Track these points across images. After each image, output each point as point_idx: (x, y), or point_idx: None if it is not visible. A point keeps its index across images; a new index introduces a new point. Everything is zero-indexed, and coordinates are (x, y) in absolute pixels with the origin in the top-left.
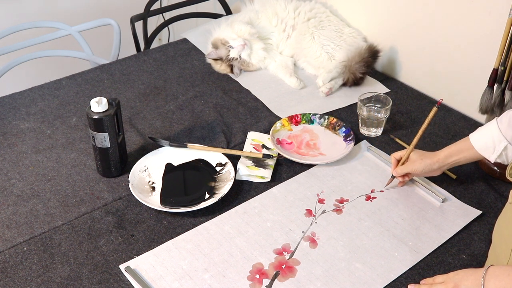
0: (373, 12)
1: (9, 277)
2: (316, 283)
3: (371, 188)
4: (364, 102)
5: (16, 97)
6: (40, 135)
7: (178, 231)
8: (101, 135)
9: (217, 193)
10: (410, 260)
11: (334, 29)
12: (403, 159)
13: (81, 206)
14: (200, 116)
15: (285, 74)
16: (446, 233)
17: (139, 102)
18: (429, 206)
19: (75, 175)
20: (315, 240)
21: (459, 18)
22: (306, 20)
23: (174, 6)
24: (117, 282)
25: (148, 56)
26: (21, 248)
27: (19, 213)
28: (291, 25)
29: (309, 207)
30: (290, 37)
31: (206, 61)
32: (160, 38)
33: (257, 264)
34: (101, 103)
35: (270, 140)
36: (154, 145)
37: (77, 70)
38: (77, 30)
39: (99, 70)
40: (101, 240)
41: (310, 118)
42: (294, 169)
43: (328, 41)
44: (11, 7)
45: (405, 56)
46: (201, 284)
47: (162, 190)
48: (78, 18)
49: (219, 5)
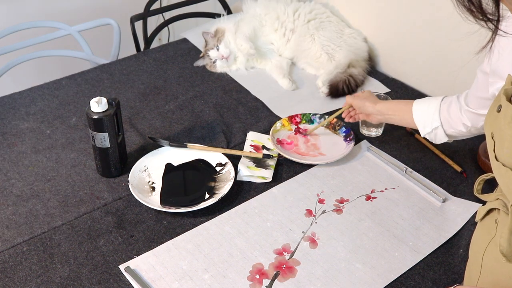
0: (373, 12)
1: (9, 277)
2: (316, 283)
3: (371, 188)
4: None
5: (15, 97)
6: (40, 135)
7: (178, 231)
8: (101, 135)
9: (217, 193)
10: (410, 260)
11: (334, 30)
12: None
13: (81, 206)
14: (200, 116)
15: (278, 75)
16: (447, 233)
17: (139, 102)
18: (430, 206)
19: (74, 175)
20: (315, 240)
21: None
22: (306, 22)
23: (174, 6)
24: (117, 282)
25: (148, 56)
26: (20, 248)
27: (18, 213)
28: (291, 29)
29: (309, 207)
30: (289, 41)
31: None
32: (160, 38)
33: (257, 264)
34: (101, 103)
35: (270, 140)
36: (154, 145)
37: (77, 70)
38: (77, 30)
39: (99, 70)
40: (101, 240)
41: (310, 118)
42: (294, 169)
43: (328, 41)
44: (11, 7)
45: (405, 56)
46: (201, 284)
47: (162, 190)
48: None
49: (219, 5)
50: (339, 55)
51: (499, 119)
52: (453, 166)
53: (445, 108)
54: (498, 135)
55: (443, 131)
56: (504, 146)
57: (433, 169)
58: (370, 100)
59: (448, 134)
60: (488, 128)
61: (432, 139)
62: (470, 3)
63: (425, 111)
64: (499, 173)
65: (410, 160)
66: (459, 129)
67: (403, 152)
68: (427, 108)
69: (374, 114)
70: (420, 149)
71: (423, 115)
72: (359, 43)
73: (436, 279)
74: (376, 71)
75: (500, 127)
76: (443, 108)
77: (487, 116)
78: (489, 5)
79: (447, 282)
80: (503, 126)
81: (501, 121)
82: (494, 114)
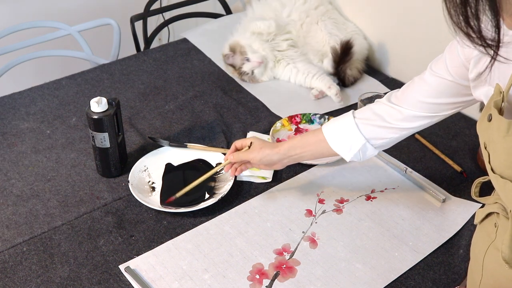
0: (373, 12)
1: (9, 277)
2: (316, 283)
3: (371, 188)
4: (364, 102)
5: (15, 97)
6: (40, 135)
7: (178, 231)
8: (101, 135)
9: (217, 193)
10: (411, 260)
11: (339, 22)
12: (244, 149)
13: (81, 206)
14: (200, 116)
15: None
16: (447, 233)
17: (139, 102)
18: (430, 206)
19: (74, 175)
20: (315, 240)
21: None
22: (315, 7)
23: (174, 6)
24: (117, 282)
25: (148, 56)
26: (20, 248)
27: (18, 213)
28: (304, 11)
29: (309, 207)
30: (304, 23)
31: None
32: (160, 38)
33: (257, 264)
34: (101, 103)
35: (270, 140)
36: (154, 145)
37: (77, 70)
38: (77, 30)
39: (99, 70)
40: (101, 240)
41: (310, 118)
42: (294, 169)
43: (336, 31)
44: (11, 7)
45: (405, 56)
46: (201, 284)
47: (162, 190)
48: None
49: (219, 5)
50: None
51: (491, 129)
52: (453, 166)
53: (364, 121)
54: (492, 147)
55: (371, 145)
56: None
57: (433, 169)
58: (267, 147)
59: (376, 147)
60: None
61: (360, 159)
62: (469, 28)
63: (342, 133)
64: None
65: (410, 160)
66: (390, 136)
67: (403, 152)
68: (342, 129)
69: (281, 161)
70: (420, 149)
71: (341, 139)
72: (361, 40)
73: (436, 279)
74: (376, 71)
75: (493, 139)
76: (359, 122)
77: (479, 123)
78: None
79: (447, 282)
80: (496, 139)
81: (494, 133)
82: (485, 123)
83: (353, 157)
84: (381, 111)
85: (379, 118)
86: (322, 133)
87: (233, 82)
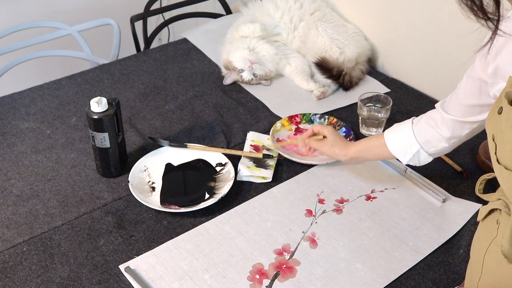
0: (373, 12)
1: (9, 277)
2: (316, 283)
3: (371, 188)
4: (364, 102)
5: (15, 97)
6: (40, 135)
7: (178, 231)
8: (101, 135)
9: (217, 193)
10: (411, 260)
11: (339, 24)
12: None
13: (81, 206)
14: (200, 116)
15: (301, 80)
16: (447, 233)
17: (139, 102)
18: (430, 206)
19: (74, 175)
20: (315, 240)
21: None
22: (310, 13)
23: (174, 6)
24: (117, 282)
25: (148, 56)
26: (20, 248)
27: (18, 213)
28: (298, 15)
29: (309, 207)
30: (297, 29)
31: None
32: (160, 38)
33: (257, 264)
34: (101, 103)
35: (270, 140)
36: (154, 145)
37: (77, 70)
38: (77, 30)
39: (99, 70)
40: (101, 240)
41: (310, 118)
42: (294, 169)
43: (336, 35)
44: (11, 7)
45: (405, 56)
46: (201, 284)
47: (162, 190)
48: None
49: (219, 5)
50: (348, 50)
51: (501, 121)
52: (453, 166)
53: (419, 128)
54: (500, 138)
55: (425, 152)
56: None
57: (433, 169)
58: (338, 146)
59: (430, 154)
60: (489, 130)
61: (416, 163)
62: (472, 3)
63: (400, 139)
64: (501, 176)
65: None
66: (441, 145)
67: None
68: (400, 135)
69: (346, 161)
70: None
71: (399, 144)
72: (362, 41)
73: (436, 279)
74: (376, 71)
75: (501, 130)
76: (416, 129)
77: (488, 118)
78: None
79: (447, 282)
80: (504, 129)
81: (503, 123)
82: (495, 116)
83: (409, 161)
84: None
85: (431, 125)
86: (383, 138)
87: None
